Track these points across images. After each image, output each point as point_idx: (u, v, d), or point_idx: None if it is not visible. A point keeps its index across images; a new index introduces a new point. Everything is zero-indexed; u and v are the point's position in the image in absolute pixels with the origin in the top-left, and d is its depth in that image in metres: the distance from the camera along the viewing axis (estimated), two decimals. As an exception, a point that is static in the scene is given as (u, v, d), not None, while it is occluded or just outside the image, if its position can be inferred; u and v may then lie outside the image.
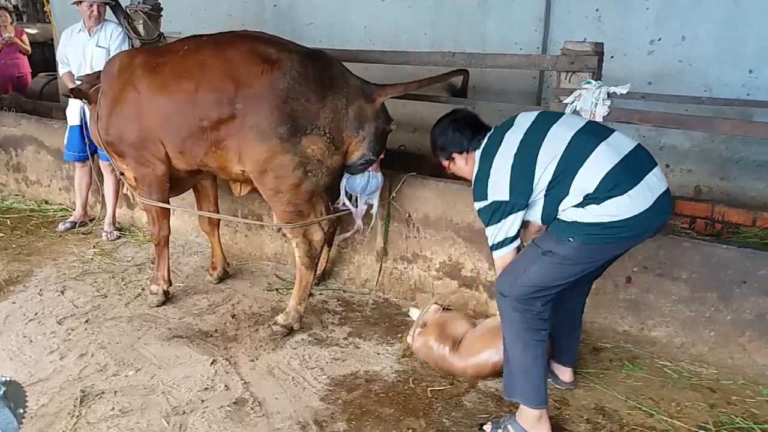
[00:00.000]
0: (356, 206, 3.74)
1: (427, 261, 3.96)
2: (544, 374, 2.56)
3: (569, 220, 2.42)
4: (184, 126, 3.44)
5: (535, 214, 2.54)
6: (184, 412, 2.82)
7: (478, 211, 2.60)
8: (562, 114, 2.79)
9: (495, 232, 2.54)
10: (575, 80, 3.47)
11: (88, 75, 4.15)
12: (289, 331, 3.55)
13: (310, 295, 3.75)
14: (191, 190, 4.15)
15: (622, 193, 2.35)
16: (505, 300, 2.53)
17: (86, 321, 3.67)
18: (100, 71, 4.01)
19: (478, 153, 2.68)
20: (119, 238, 5.12)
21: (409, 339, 3.27)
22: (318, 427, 2.73)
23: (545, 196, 2.46)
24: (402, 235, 4.01)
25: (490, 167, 2.54)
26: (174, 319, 3.73)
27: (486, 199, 2.53)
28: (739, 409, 2.87)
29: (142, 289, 4.12)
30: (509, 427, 2.61)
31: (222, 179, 4.01)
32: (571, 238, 2.41)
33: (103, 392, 2.96)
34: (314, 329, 3.63)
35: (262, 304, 3.96)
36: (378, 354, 3.35)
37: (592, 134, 2.49)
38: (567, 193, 2.41)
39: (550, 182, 2.43)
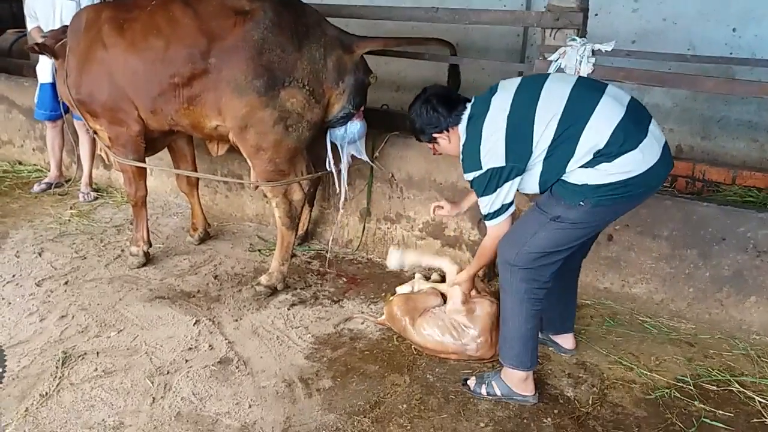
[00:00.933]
0: (341, 160, 3.69)
1: (411, 221, 3.95)
2: (537, 336, 2.61)
3: (579, 183, 2.32)
4: (155, 84, 3.35)
5: (531, 181, 2.43)
6: (168, 372, 2.81)
7: (471, 181, 2.49)
8: (548, 74, 2.70)
9: (490, 201, 2.44)
10: (560, 37, 3.42)
11: (53, 30, 3.99)
12: (273, 292, 3.54)
13: (293, 255, 3.73)
14: (168, 150, 4.06)
15: (634, 147, 2.27)
16: (514, 270, 2.46)
17: (66, 282, 3.62)
18: (66, 26, 3.88)
19: (461, 126, 2.56)
20: (96, 199, 5.02)
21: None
22: (303, 384, 2.75)
23: (546, 158, 2.35)
24: (385, 195, 3.99)
25: (480, 135, 2.42)
26: (155, 280, 3.70)
27: (480, 168, 2.41)
28: (716, 363, 2.94)
29: (122, 251, 4.07)
30: (494, 383, 2.63)
31: (198, 139, 3.93)
32: (582, 203, 2.32)
33: (85, 353, 2.93)
34: (298, 289, 3.62)
35: (244, 265, 3.93)
36: (362, 312, 3.36)
37: (590, 88, 2.38)
38: (573, 153, 2.30)
39: (552, 141, 2.32)
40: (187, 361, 2.90)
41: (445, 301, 3.10)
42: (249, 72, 3.14)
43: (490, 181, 2.41)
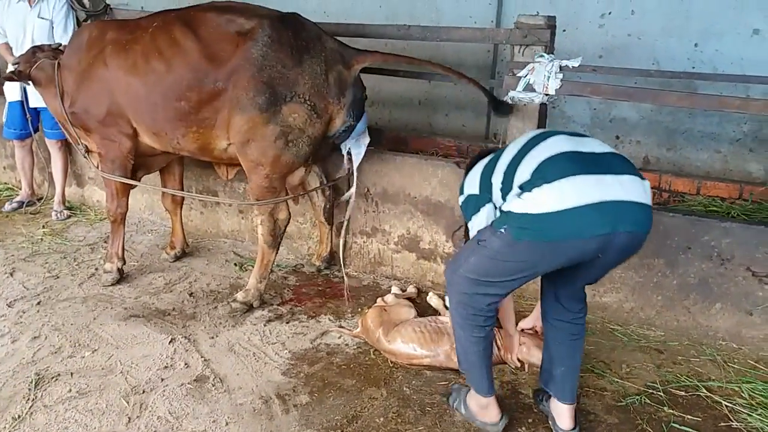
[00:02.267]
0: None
1: (386, 234, 3.99)
2: (488, 364, 2.47)
3: (504, 210, 2.25)
4: (160, 108, 3.38)
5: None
6: (144, 391, 2.79)
7: (460, 206, 2.61)
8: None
9: (473, 225, 2.49)
10: (528, 53, 3.51)
11: (22, 55, 3.98)
12: (249, 308, 3.54)
13: (271, 271, 3.74)
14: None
15: (552, 180, 2.09)
16: (451, 291, 2.43)
17: (38, 303, 3.58)
18: (34, 47, 3.94)
19: None
20: (69, 217, 4.98)
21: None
22: (281, 400, 2.75)
23: (500, 191, 2.34)
24: (361, 210, 4.03)
25: (472, 170, 2.58)
26: (130, 299, 3.68)
27: (462, 193, 2.57)
28: (684, 369, 3.02)
29: (96, 269, 4.04)
30: (462, 402, 2.62)
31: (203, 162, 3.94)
32: (502, 230, 2.19)
33: (59, 374, 2.90)
34: (274, 305, 3.63)
35: (220, 282, 3.93)
36: (340, 328, 3.37)
37: (557, 133, 2.33)
38: (511, 187, 2.26)
39: (504, 174, 2.32)
40: (162, 379, 2.89)
41: (418, 314, 3.18)
42: (251, 89, 3.17)
43: (469, 205, 2.51)
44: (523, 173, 2.21)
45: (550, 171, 2.13)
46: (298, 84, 3.21)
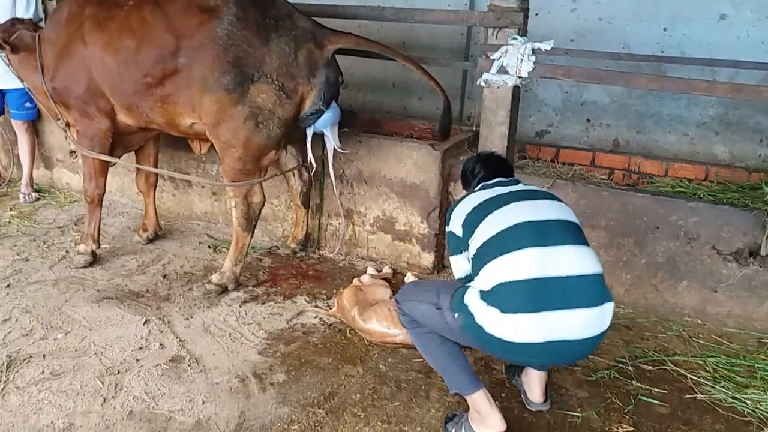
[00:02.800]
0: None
1: (362, 216, 4.01)
2: (462, 362, 2.38)
3: (466, 298, 2.19)
4: (130, 83, 3.38)
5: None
6: (118, 372, 2.78)
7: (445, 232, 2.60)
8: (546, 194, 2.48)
9: (452, 264, 2.55)
10: (502, 36, 3.54)
11: (1, 24, 3.89)
12: (223, 290, 3.53)
13: (246, 254, 3.73)
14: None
15: (506, 311, 2.08)
16: (400, 313, 2.49)
17: (7, 285, 3.52)
18: (13, 19, 3.90)
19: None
20: (38, 200, 4.88)
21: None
22: (257, 379, 2.77)
23: (472, 258, 2.31)
24: (336, 192, 4.03)
25: (464, 200, 2.50)
26: (102, 281, 3.64)
27: (448, 224, 2.53)
28: (651, 344, 3.11)
29: (67, 252, 3.98)
30: (462, 424, 2.40)
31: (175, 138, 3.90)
32: (456, 315, 2.21)
33: (30, 356, 2.87)
34: (249, 286, 3.63)
35: (194, 264, 3.91)
36: (316, 307, 3.39)
37: (535, 232, 2.20)
38: (477, 274, 2.23)
39: (476, 250, 2.27)
40: (137, 360, 2.88)
41: (393, 294, 3.20)
42: (216, 69, 3.15)
43: (450, 242, 2.53)
44: (488, 278, 2.16)
45: (514, 297, 2.09)
46: (266, 63, 3.18)
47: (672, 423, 2.56)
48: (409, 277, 3.64)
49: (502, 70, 3.51)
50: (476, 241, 2.27)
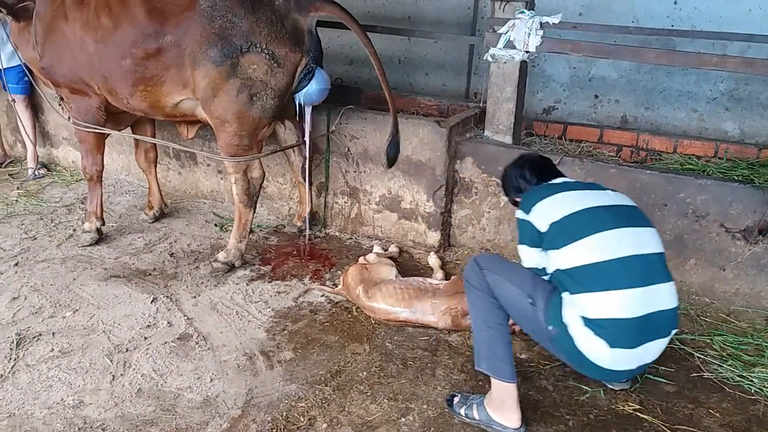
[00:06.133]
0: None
1: (367, 195, 3.99)
2: (510, 350, 2.34)
3: (564, 318, 2.24)
4: (109, 65, 3.32)
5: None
6: (127, 350, 2.80)
7: (517, 218, 2.51)
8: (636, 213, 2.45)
9: (523, 256, 2.48)
10: (509, 10, 3.49)
11: None
12: (230, 268, 3.54)
13: (251, 231, 3.73)
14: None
15: (614, 346, 2.17)
16: (474, 273, 2.40)
17: (16, 264, 3.54)
18: None
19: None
20: (45, 176, 4.90)
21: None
22: (265, 357, 2.78)
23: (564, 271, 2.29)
24: (341, 170, 4.01)
25: (555, 192, 2.41)
26: (110, 259, 3.65)
27: (527, 213, 2.42)
28: (658, 322, 3.10)
29: (74, 230, 3.99)
30: (474, 407, 2.40)
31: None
32: (550, 327, 2.28)
33: (40, 334, 2.90)
34: (256, 264, 3.63)
35: (200, 242, 3.92)
36: (322, 285, 3.39)
37: (643, 270, 2.24)
38: (573, 292, 2.24)
39: (573, 268, 2.25)
40: (146, 338, 2.90)
41: (399, 272, 3.26)
42: (204, 42, 3.11)
43: (526, 234, 2.44)
44: (595, 308, 2.20)
45: (615, 330, 2.17)
46: (254, 33, 3.12)
47: (678, 401, 2.57)
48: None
49: (510, 45, 3.47)
50: (572, 258, 2.25)
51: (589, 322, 2.19)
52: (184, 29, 3.13)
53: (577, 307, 2.22)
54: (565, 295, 2.26)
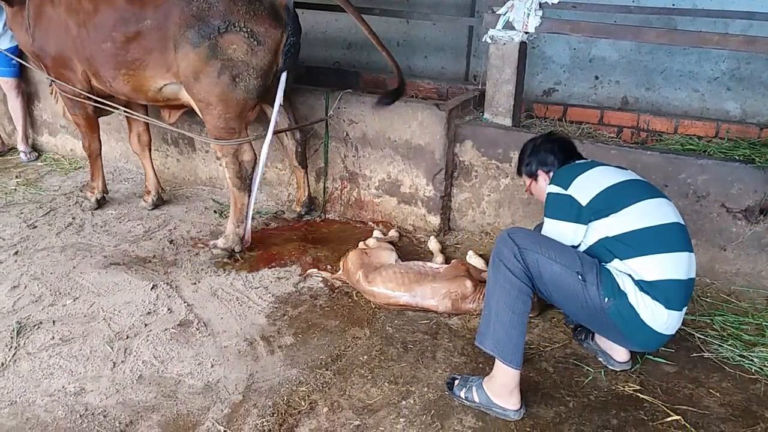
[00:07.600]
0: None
1: (366, 179, 3.98)
2: (523, 337, 2.29)
3: (621, 286, 2.24)
4: (90, 48, 3.35)
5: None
6: (127, 337, 2.81)
7: (548, 194, 2.48)
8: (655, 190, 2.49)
9: (554, 229, 2.41)
10: (508, -10, 3.44)
11: None
12: (230, 254, 3.53)
13: (253, 218, 3.71)
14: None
15: (669, 307, 2.24)
16: (510, 251, 2.29)
17: (15, 253, 3.54)
18: None
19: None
20: (38, 158, 4.91)
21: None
22: (265, 342, 2.79)
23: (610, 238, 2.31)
24: (340, 154, 3.99)
25: (588, 169, 2.45)
26: (109, 247, 3.65)
27: (565, 188, 2.41)
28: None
29: (73, 218, 3.99)
30: (474, 389, 2.39)
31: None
32: (607, 299, 2.24)
33: (40, 322, 2.90)
34: (257, 250, 3.62)
35: (200, 229, 3.91)
36: (321, 270, 3.39)
37: (684, 236, 2.34)
38: (623, 258, 2.27)
39: (619, 234, 2.29)
40: (146, 325, 2.90)
41: (399, 257, 3.26)
42: (183, 24, 3.09)
43: (563, 210, 2.41)
44: (645, 265, 2.24)
45: (671, 290, 2.24)
46: (231, 12, 3.08)
47: (679, 381, 2.57)
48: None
49: (509, 26, 3.44)
50: (622, 225, 2.29)
51: (646, 285, 2.23)
52: (163, 12, 3.12)
53: (632, 272, 2.25)
54: (614, 263, 2.29)
